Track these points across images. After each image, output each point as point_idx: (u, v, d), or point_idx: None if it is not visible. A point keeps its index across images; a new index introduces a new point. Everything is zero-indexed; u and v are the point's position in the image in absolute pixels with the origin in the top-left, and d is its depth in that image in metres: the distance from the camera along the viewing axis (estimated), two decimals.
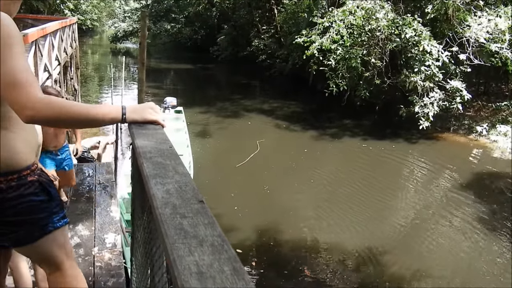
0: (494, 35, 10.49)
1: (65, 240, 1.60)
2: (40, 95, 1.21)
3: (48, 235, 1.48)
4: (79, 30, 22.76)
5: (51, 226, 1.48)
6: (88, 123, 1.37)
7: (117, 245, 3.47)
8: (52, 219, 1.48)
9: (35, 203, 1.41)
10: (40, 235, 1.47)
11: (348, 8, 11.19)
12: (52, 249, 1.54)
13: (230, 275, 0.62)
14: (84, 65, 24.22)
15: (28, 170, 1.39)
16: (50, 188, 1.46)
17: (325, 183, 8.56)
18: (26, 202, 1.38)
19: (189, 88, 19.96)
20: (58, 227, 1.51)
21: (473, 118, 12.27)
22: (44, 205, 1.44)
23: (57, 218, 1.50)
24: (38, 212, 1.43)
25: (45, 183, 1.44)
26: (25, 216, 1.40)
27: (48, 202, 1.45)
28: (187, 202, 0.85)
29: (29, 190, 1.38)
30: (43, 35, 7.76)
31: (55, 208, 1.50)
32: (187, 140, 8.39)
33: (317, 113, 14.22)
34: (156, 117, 1.40)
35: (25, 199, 1.38)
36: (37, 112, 1.19)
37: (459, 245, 6.24)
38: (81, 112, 1.30)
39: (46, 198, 1.44)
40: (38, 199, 1.41)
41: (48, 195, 1.44)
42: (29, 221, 1.42)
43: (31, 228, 1.44)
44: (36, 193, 1.40)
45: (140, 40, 3.19)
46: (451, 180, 8.85)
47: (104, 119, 1.34)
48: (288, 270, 5.44)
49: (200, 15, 29.96)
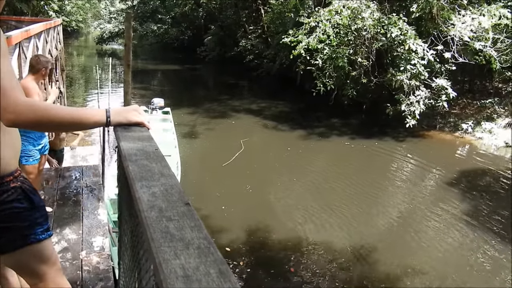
0: (478, 33, 10.64)
1: (48, 252, 1.55)
2: (23, 98, 1.18)
3: (29, 247, 1.44)
4: (64, 31, 22.49)
5: (33, 237, 1.44)
6: (71, 126, 1.35)
7: (105, 248, 3.44)
8: (35, 230, 1.44)
9: (18, 210, 1.37)
10: (21, 245, 1.42)
11: (334, 8, 11.24)
12: (34, 261, 1.49)
13: (216, 278, 0.61)
14: (70, 67, 23.96)
15: (11, 176, 1.36)
16: (33, 196, 1.42)
17: (312, 181, 8.60)
18: (8, 208, 1.35)
19: (177, 89, 19.89)
20: (41, 240, 1.46)
21: (458, 116, 12.43)
22: (26, 213, 1.40)
23: (41, 229, 1.46)
24: (21, 220, 1.40)
25: (27, 190, 1.40)
26: (7, 223, 1.37)
27: (31, 210, 1.42)
28: (173, 204, 0.84)
29: (12, 196, 1.35)
30: (27, 37, 7.66)
31: (39, 218, 1.46)
32: (174, 141, 8.36)
33: (305, 112, 14.27)
34: (140, 119, 1.38)
35: (8, 205, 1.35)
36: (18, 115, 1.17)
37: (447, 240, 6.31)
38: (64, 116, 1.28)
39: (28, 206, 1.40)
40: (21, 206, 1.38)
41: (31, 203, 1.41)
42: (11, 228, 1.38)
43: (13, 236, 1.40)
44: (19, 199, 1.37)
45: (125, 42, 3.17)
46: (438, 176, 8.96)
47: (88, 122, 1.32)
48: (275, 270, 5.45)
49: (186, 15, 29.87)
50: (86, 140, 9.34)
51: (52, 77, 12.22)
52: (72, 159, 6.98)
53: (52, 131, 3.53)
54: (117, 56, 31.29)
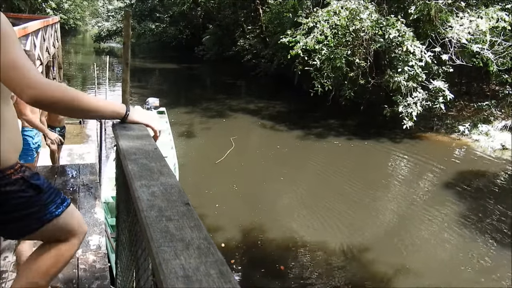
0: (475, 36, 10.67)
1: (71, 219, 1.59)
2: (43, 78, 1.22)
3: (48, 224, 1.48)
4: (62, 29, 22.39)
5: (49, 215, 1.47)
6: (89, 111, 1.37)
7: (102, 247, 3.43)
8: (48, 209, 1.47)
9: (24, 200, 1.40)
10: (38, 227, 1.46)
11: (332, 9, 11.25)
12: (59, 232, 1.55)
13: (216, 278, 0.61)
14: (67, 65, 23.88)
15: (12, 169, 1.37)
16: (36, 181, 1.44)
17: (308, 181, 8.60)
18: (14, 199, 1.37)
19: (174, 88, 19.86)
20: (59, 214, 1.50)
21: (455, 118, 12.46)
22: (34, 199, 1.42)
23: (54, 206, 1.49)
24: (30, 207, 1.42)
25: (29, 178, 1.42)
26: (17, 213, 1.40)
27: (38, 195, 1.43)
28: (173, 204, 0.84)
29: (15, 187, 1.36)
30: (25, 35, 7.64)
31: (49, 198, 1.48)
32: (171, 142, 8.15)
33: (302, 112, 14.27)
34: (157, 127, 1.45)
35: (13, 197, 1.36)
36: (41, 92, 1.20)
37: (442, 241, 6.32)
38: (85, 100, 1.31)
39: (34, 192, 1.42)
40: (27, 195, 1.40)
41: (35, 189, 1.43)
42: (23, 216, 1.41)
43: (27, 222, 1.43)
44: (23, 190, 1.39)
45: (124, 40, 3.15)
46: (434, 178, 8.98)
47: (105, 110, 1.37)
48: (267, 268, 5.43)
49: (185, 14, 29.82)
50: (83, 138, 9.32)
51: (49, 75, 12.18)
52: (68, 157, 6.96)
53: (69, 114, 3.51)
54: (115, 55, 31.20)
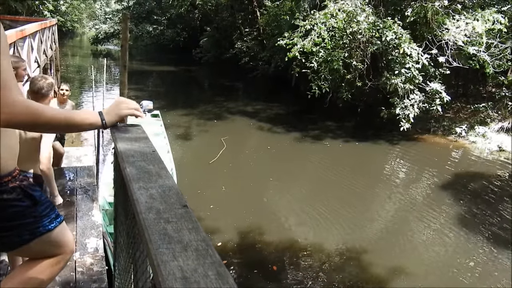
0: (471, 38, 10.73)
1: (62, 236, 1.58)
2: (19, 98, 1.18)
3: (40, 237, 1.47)
4: (59, 31, 22.39)
5: (42, 229, 1.47)
6: (65, 127, 1.36)
7: (99, 250, 3.42)
8: (42, 223, 1.46)
9: (20, 209, 1.39)
10: (31, 238, 1.45)
11: (329, 11, 11.28)
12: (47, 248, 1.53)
13: (214, 280, 0.62)
14: (65, 67, 23.84)
15: (10, 176, 1.36)
16: (33, 192, 1.43)
17: (305, 183, 8.61)
18: (10, 207, 1.36)
19: (172, 90, 19.85)
20: (51, 229, 1.49)
21: (452, 120, 12.51)
22: (29, 210, 1.42)
23: (48, 220, 1.48)
24: (25, 217, 1.41)
25: (27, 188, 1.41)
26: (11, 222, 1.39)
27: (34, 207, 1.43)
28: (171, 206, 0.85)
29: (12, 196, 1.36)
30: (22, 37, 7.63)
31: (44, 211, 1.48)
32: (167, 145, 8.01)
33: (300, 114, 14.30)
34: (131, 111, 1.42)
35: (9, 205, 1.36)
36: (13, 115, 1.16)
37: (439, 243, 6.33)
38: (59, 117, 1.29)
39: (30, 203, 1.42)
40: (23, 204, 1.39)
41: (32, 199, 1.42)
42: (17, 226, 1.41)
43: (20, 232, 1.42)
44: (19, 199, 1.38)
45: (122, 43, 3.16)
46: (431, 180, 9.00)
47: (82, 124, 1.34)
48: (262, 269, 5.42)
49: (182, 17, 29.87)
50: (80, 141, 9.30)
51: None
52: (66, 159, 6.94)
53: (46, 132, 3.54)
54: (112, 57, 31.18)
